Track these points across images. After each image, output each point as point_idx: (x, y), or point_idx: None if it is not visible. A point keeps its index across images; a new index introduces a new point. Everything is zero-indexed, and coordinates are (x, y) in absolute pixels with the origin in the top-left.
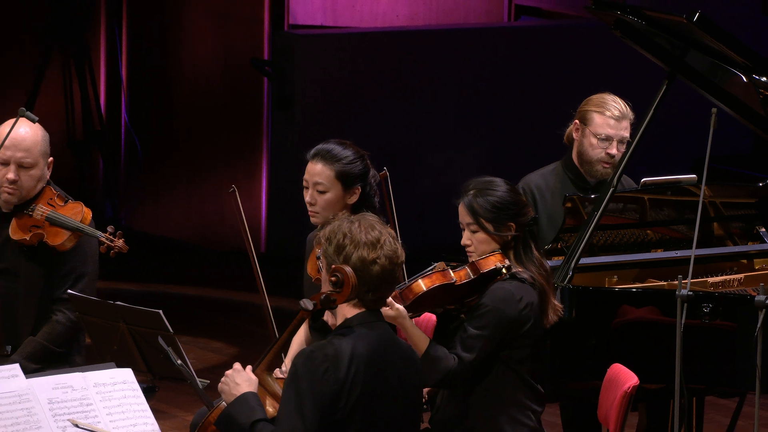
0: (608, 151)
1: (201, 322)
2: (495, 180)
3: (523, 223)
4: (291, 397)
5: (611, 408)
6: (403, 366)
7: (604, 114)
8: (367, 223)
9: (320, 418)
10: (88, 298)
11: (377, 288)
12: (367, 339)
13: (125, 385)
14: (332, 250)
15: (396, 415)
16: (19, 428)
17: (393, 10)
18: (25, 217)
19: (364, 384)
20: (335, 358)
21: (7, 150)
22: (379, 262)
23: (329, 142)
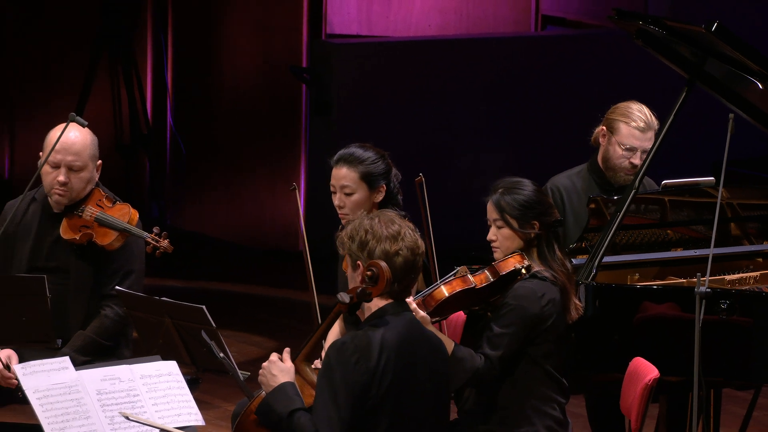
0: (632, 161)
1: (242, 317)
2: (523, 180)
3: (547, 222)
4: (325, 386)
5: (633, 400)
6: (431, 354)
7: (630, 125)
8: (386, 218)
9: (353, 405)
10: (136, 294)
11: (402, 279)
12: (397, 329)
13: (170, 377)
14: (356, 247)
15: (425, 401)
16: (68, 418)
17: (425, 20)
18: (75, 217)
19: (394, 372)
20: (366, 348)
21: (58, 153)
22: (401, 253)
23: (350, 147)
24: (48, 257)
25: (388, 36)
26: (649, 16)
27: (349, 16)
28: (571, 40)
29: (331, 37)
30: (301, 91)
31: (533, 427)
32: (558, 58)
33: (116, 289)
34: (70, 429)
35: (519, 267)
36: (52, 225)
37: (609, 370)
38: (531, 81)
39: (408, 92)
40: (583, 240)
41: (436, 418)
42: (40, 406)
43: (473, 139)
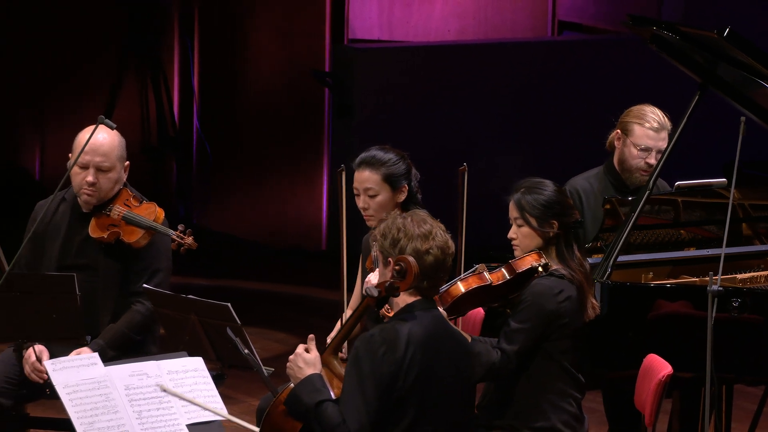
0: (647, 161)
1: (265, 314)
2: (545, 181)
3: (567, 222)
4: (353, 378)
5: (647, 395)
6: (455, 350)
7: (644, 126)
8: (418, 218)
9: (380, 397)
10: (162, 292)
11: (431, 276)
12: (424, 323)
13: (196, 373)
14: (388, 245)
15: (450, 395)
16: (97, 412)
17: (445, 26)
18: (103, 216)
19: (420, 365)
20: (393, 341)
21: (87, 155)
22: (432, 252)
23: (370, 150)
24: (77, 255)
25: (408, 41)
26: (663, 21)
27: (371, 21)
28: (586, 45)
29: (353, 42)
30: (323, 94)
31: (549, 422)
32: (574, 63)
33: (143, 286)
34: (98, 423)
35: (535, 265)
36: (81, 224)
37: (624, 366)
38: (547, 85)
39: (427, 96)
40: (599, 239)
41: (460, 411)
42: (70, 400)
43: (491, 141)
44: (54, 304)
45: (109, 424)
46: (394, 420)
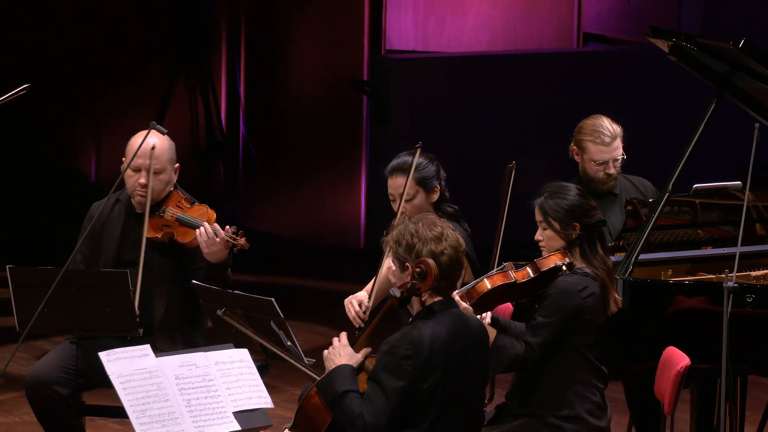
0: (607, 172)
1: (307, 309)
2: (567, 185)
3: (588, 224)
4: (378, 377)
5: (667, 385)
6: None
7: (596, 142)
8: (428, 221)
9: (402, 398)
10: (211, 288)
11: (448, 276)
12: (445, 325)
13: (242, 364)
14: (403, 250)
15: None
16: (149, 400)
17: (476, 37)
18: (157, 217)
19: (443, 367)
20: (418, 343)
21: (139, 158)
22: (446, 252)
23: (400, 156)
24: (132, 253)
25: (442, 51)
26: (682, 33)
27: (407, 33)
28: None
29: (390, 52)
30: (362, 102)
31: (574, 411)
32: (598, 72)
33: (193, 282)
34: (150, 411)
35: (560, 264)
36: (135, 224)
37: (644, 358)
38: (573, 93)
39: (460, 103)
40: (621, 239)
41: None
42: (123, 389)
43: (520, 146)
44: (109, 299)
45: (160, 411)
46: (417, 420)
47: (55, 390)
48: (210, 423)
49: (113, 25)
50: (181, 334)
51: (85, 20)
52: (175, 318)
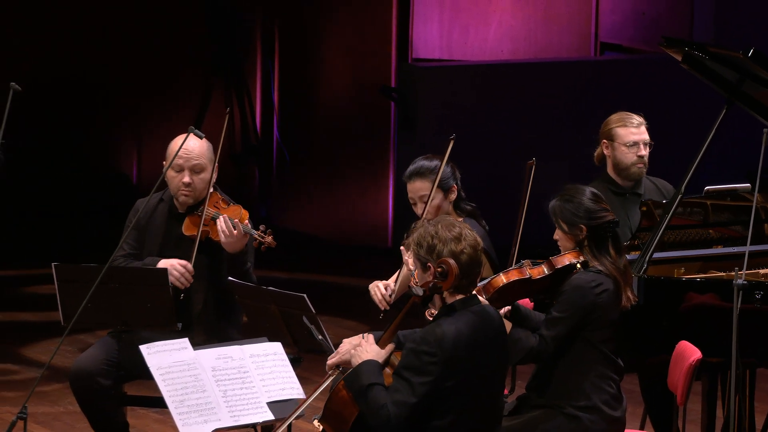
0: (638, 154)
1: (337, 304)
2: (582, 188)
3: (596, 225)
4: (403, 372)
5: (679, 378)
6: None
7: (626, 126)
8: (446, 223)
9: (426, 392)
10: (246, 284)
11: (468, 273)
12: (468, 321)
13: (275, 356)
14: (424, 252)
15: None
16: (187, 391)
17: (498, 46)
18: (196, 216)
19: (466, 363)
20: (441, 340)
21: (180, 159)
22: (465, 251)
23: (416, 161)
24: (173, 250)
25: (466, 60)
26: (694, 42)
27: (432, 42)
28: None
29: (416, 60)
30: (389, 108)
31: (591, 401)
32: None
33: (229, 279)
34: (188, 401)
35: (574, 262)
36: (176, 223)
37: (658, 352)
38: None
39: (483, 108)
40: (636, 238)
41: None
42: (163, 381)
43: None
44: (149, 295)
45: (197, 401)
46: (442, 412)
47: (97, 381)
48: (245, 412)
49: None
50: (217, 329)
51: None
52: (211, 313)
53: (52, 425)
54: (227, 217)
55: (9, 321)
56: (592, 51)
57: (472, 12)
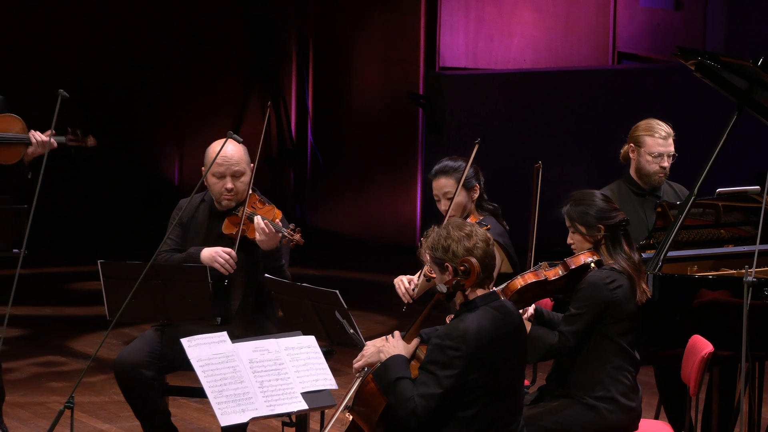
0: (662, 165)
1: (367, 299)
2: (591, 192)
3: (611, 224)
4: (429, 366)
5: (692, 370)
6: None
7: (654, 136)
8: (456, 223)
9: (451, 385)
10: (281, 281)
11: (485, 267)
12: (490, 317)
13: (309, 349)
14: (440, 254)
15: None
16: (226, 382)
17: (521, 55)
18: (234, 216)
19: (490, 356)
20: (465, 335)
21: (221, 166)
22: (478, 246)
23: (442, 161)
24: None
25: (490, 68)
26: (707, 52)
27: (458, 51)
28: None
29: (443, 69)
30: (417, 114)
31: (609, 392)
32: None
33: (265, 276)
34: (227, 391)
35: (588, 261)
36: (217, 222)
37: (672, 345)
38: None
39: (506, 115)
40: (651, 237)
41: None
42: (203, 372)
43: (560, 153)
44: (189, 291)
45: (235, 392)
46: (467, 403)
47: (141, 372)
48: (280, 402)
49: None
50: (254, 323)
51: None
52: (249, 308)
53: (98, 414)
54: (262, 216)
55: (57, 315)
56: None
57: (496, 23)
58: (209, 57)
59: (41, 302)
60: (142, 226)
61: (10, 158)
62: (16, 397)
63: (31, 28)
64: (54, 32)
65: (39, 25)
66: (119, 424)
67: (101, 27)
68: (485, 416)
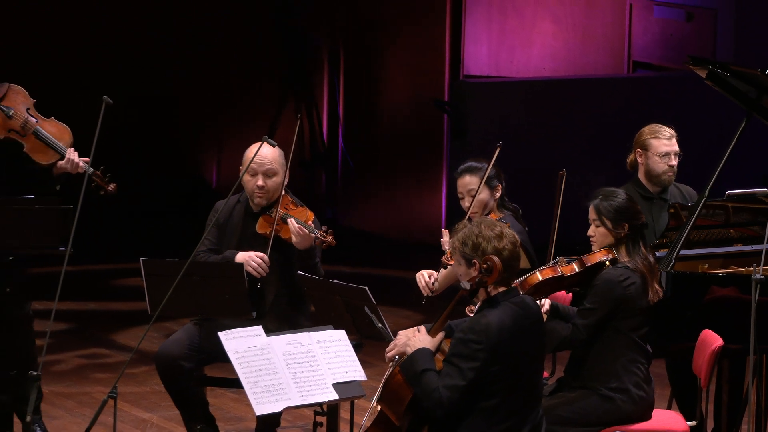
0: (669, 164)
1: (395, 296)
2: (617, 190)
3: (635, 225)
4: (454, 358)
5: (703, 363)
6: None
7: (659, 138)
8: (488, 223)
9: (474, 377)
10: (314, 278)
11: (509, 267)
12: (510, 312)
13: (340, 342)
14: (469, 250)
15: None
16: (261, 373)
17: (541, 64)
18: (268, 216)
19: (510, 348)
20: (487, 330)
21: (255, 164)
22: (506, 248)
23: (467, 161)
24: (248, 247)
25: (511, 76)
26: (717, 61)
27: (481, 60)
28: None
29: (467, 77)
30: (442, 119)
31: (623, 384)
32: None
33: (299, 273)
34: (262, 382)
35: (603, 259)
36: (252, 222)
37: (684, 339)
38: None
39: (527, 120)
40: (664, 237)
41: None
42: (239, 364)
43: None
44: (226, 287)
45: (270, 382)
46: (489, 394)
47: (180, 364)
48: (312, 392)
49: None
50: (288, 317)
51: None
52: (283, 303)
53: (140, 403)
54: (296, 219)
55: (101, 310)
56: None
57: (517, 34)
58: (247, 67)
59: (86, 297)
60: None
61: (43, 159)
62: (62, 388)
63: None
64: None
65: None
66: (160, 413)
67: (149, 41)
68: (506, 406)
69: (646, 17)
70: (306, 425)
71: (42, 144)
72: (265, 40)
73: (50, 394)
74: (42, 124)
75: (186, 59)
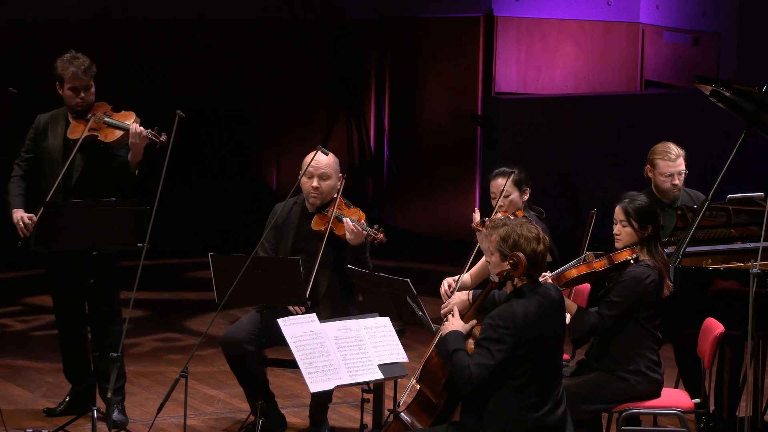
0: (673, 183)
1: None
2: (641, 195)
3: (656, 227)
4: (484, 341)
5: (706, 347)
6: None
7: (665, 159)
8: (528, 225)
9: (503, 359)
10: (362, 271)
11: (536, 264)
12: (535, 302)
13: (385, 328)
14: (508, 247)
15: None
16: (315, 355)
17: (564, 82)
18: (322, 215)
19: (534, 335)
20: (514, 317)
21: (311, 168)
22: (540, 249)
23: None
24: (305, 243)
25: (538, 93)
26: (720, 80)
27: (511, 79)
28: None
29: (498, 94)
30: (476, 131)
31: (638, 366)
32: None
33: (348, 267)
34: (316, 363)
35: (628, 258)
36: (307, 220)
37: (690, 326)
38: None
39: (551, 133)
40: (673, 236)
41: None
42: (296, 347)
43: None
44: (285, 279)
45: (323, 364)
46: (515, 374)
47: (244, 347)
48: (360, 372)
49: (293, 74)
50: (339, 306)
51: (273, 70)
52: (335, 293)
53: (208, 382)
54: (351, 218)
55: (175, 299)
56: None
57: (543, 56)
58: (304, 83)
59: (161, 288)
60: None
61: (113, 137)
62: (139, 368)
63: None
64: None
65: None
66: (226, 390)
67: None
68: (532, 385)
69: (657, 41)
70: (354, 401)
71: (110, 128)
72: (322, 61)
73: (129, 373)
74: (111, 114)
75: (252, 79)
